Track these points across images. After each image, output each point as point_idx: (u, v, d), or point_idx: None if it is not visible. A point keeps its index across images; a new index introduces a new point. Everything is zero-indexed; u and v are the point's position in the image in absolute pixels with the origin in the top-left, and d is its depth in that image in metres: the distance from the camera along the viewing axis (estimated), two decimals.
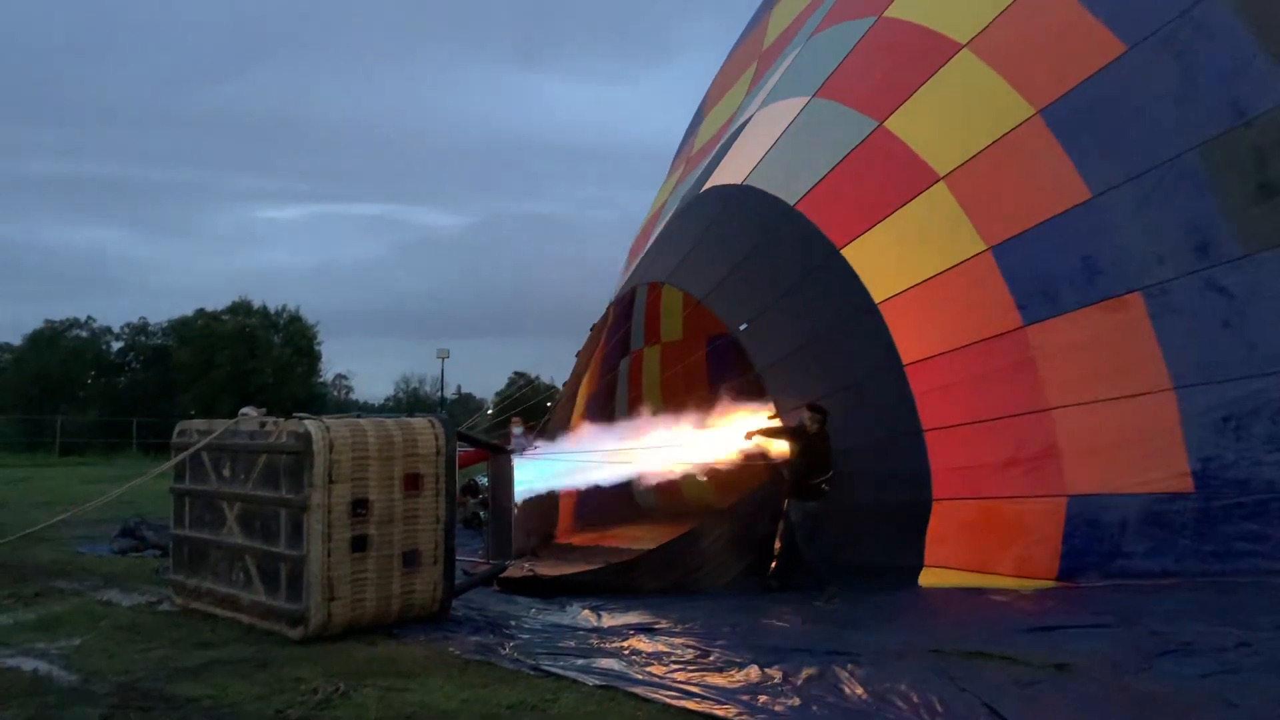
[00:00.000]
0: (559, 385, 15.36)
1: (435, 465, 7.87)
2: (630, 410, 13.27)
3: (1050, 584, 9.14)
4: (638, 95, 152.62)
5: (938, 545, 9.31)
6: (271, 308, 43.20)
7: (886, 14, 11.23)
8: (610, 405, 13.72)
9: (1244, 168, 9.61)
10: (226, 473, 8.02)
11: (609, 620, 8.22)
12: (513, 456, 9.54)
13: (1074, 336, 9.38)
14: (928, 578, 9.27)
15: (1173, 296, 9.38)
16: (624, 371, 14.20)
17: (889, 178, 10.20)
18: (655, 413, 11.86)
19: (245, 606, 7.71)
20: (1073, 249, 9.57)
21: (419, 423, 7.99)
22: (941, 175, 9.98)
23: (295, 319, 43.44)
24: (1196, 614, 7.83)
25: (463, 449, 9.65)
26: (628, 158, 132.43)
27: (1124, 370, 9.29)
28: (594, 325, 12.59)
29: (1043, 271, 9.55)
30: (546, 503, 11.49)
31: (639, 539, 11.36)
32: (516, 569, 9.76)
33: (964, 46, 10.38)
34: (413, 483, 7.74)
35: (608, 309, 12.63)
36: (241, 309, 42.35)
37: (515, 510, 9.51)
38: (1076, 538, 9.20)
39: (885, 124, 10.42)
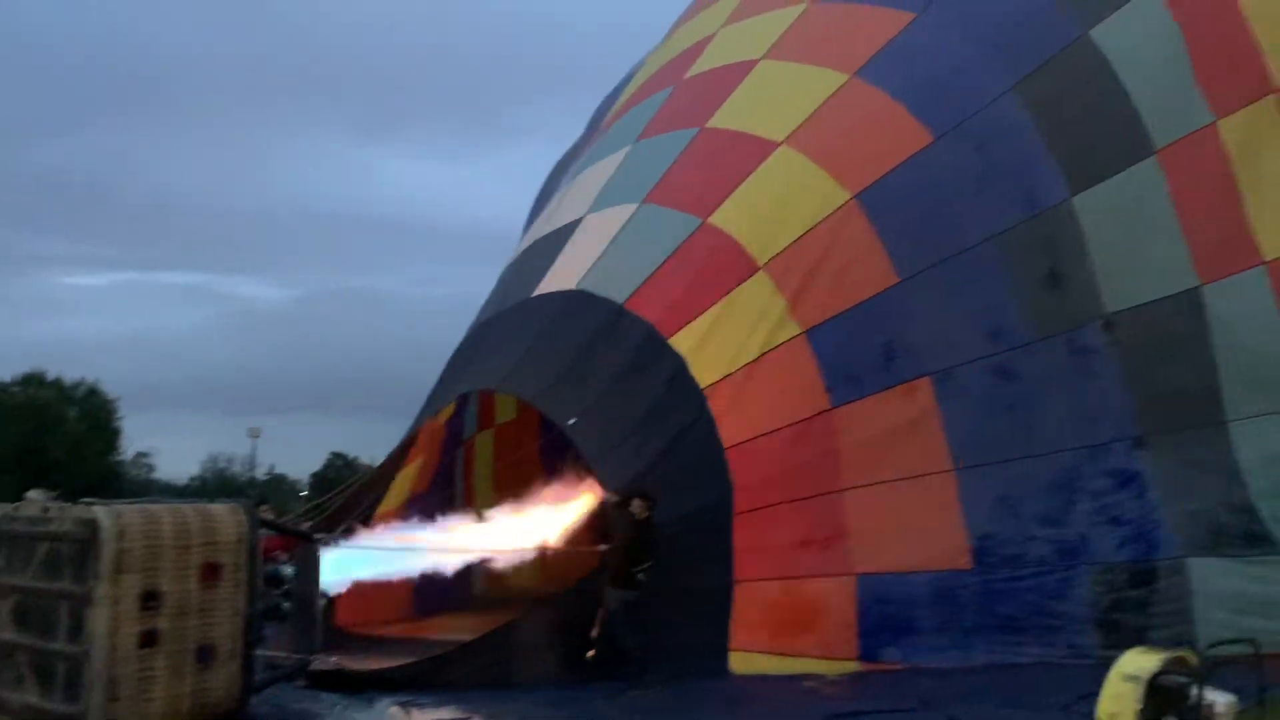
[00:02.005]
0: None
1: (236, 554, 7.47)
2: (465, 499, 13.02)
3: (853, 664, 9.38)
4: (477, 175, 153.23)
5: (742, 628, 9.45)
6: (69, 379, 40.54)
7: (708, 125, 11.69)
8: (448, 494, 13.38)
9: (1035, 257, 10.40)
10: (2, 562, 7.40)
11: (419, 717, 7.94)
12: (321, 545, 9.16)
13: (871, 419, 9.87)
14: (735, 662, 9.35)
15: (960, 381, 10.02)
16: (460, 460, 13.95)
17: (712, 268, 10.53)
18: (487, 500, 11.68)
19: (15, 710, 7.06)
20: (877, 333, 10.12)
21: (220, 509, 7.60)
22: (762, 263, 10.38)
23: (93, 392, 40.92)
24: (991, 696, 8.28)
25: (269, 535, 9.20)
26: (463, 237, 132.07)
27: (910, 452, 9.84)
28: (422, 417, 12.30)
29: (850, 355, 10.05)
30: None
31: (458, 629, 11.03)
32: (322, 663, 9.30)
33: (782, 144, 10.93)
34: (211, 573, 7.32)
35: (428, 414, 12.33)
36: (34, 380, 39.55)
37: (323, 601, 9.11)
38: (870, 617, 9.54)
39: (709, 220, 10.79)
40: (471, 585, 12.65)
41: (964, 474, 9.82)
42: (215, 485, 51.83)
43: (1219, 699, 5.68)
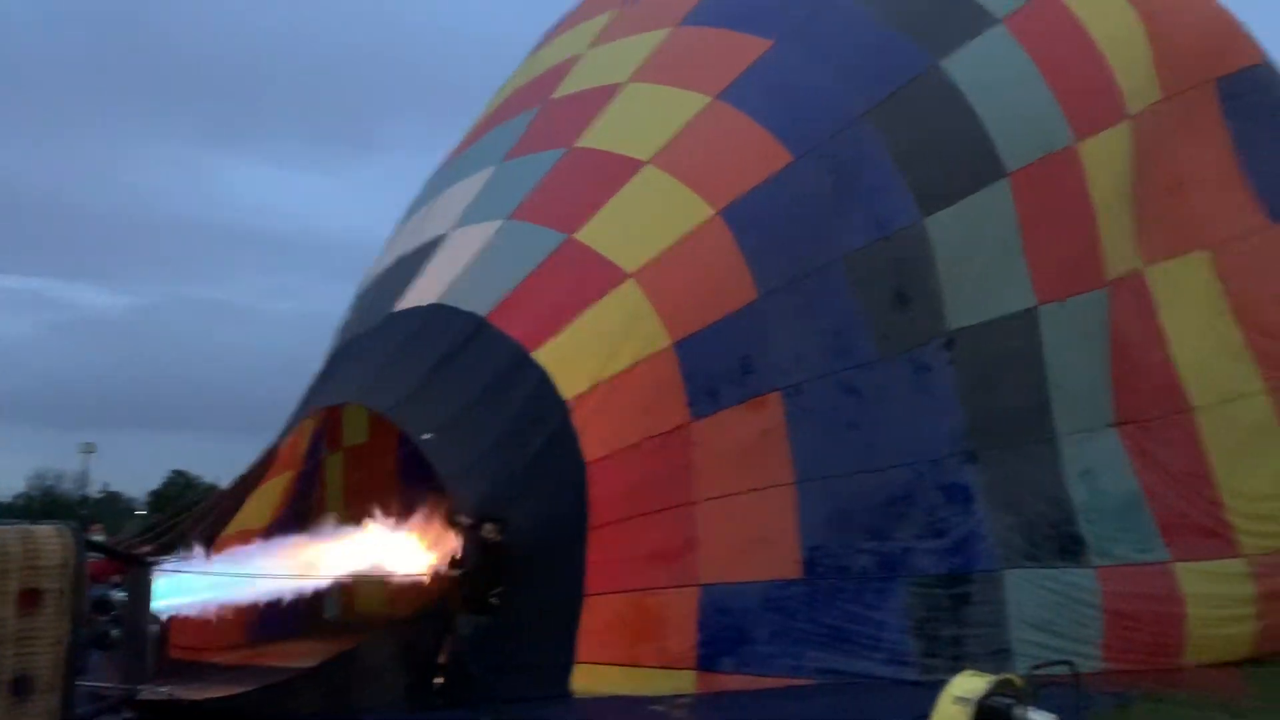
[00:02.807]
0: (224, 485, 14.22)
1: (60, 579, 7.03)
2: (314, 521, 12.58)
3: (691, 673, 9.57)
4: (334, 187, 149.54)
5: (589, 640, 9.46)
6: None
7: (576, 144, 11.72)
8: (300, 517, 12.91)
9: (884, 277, 10.81)
10: None
11: None
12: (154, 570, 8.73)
13: (725, 433, 10.07)
14: (580, 675, 9.36)
15: (808, 396, 10.34)
16: (314, 482, 13.50)
17: (578, 280, 10.54)
18: (336, 521, 11.32)
19: None
20: (737, 347, 10.33)
21: (43, 530, 7.13)
22: (629, 273, 10.44)
23: None
24: (831, 717, 8.52)
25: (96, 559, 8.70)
26: (320, 249, 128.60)
27: (757, 466, 10.11)
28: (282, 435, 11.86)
29: (711, 368, 10.21)
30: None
31: (300, 656, 10.64)
32: (152, 693, 8.84)
33: (647, 163, 11.05)
34: (30, 599, 6.86)
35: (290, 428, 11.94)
36: None
37: (155, 628, 8.66)
38: (710, 626, 9.73)
39: (575, 235, 10.79)
40: (316, 610, 12.25)
41: (804, 487, 10.15)
42: (43, 503, 48.81)
43: (1041, 718, 5.99)
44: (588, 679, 9.36)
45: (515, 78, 14.42)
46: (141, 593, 8.60)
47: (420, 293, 11.32)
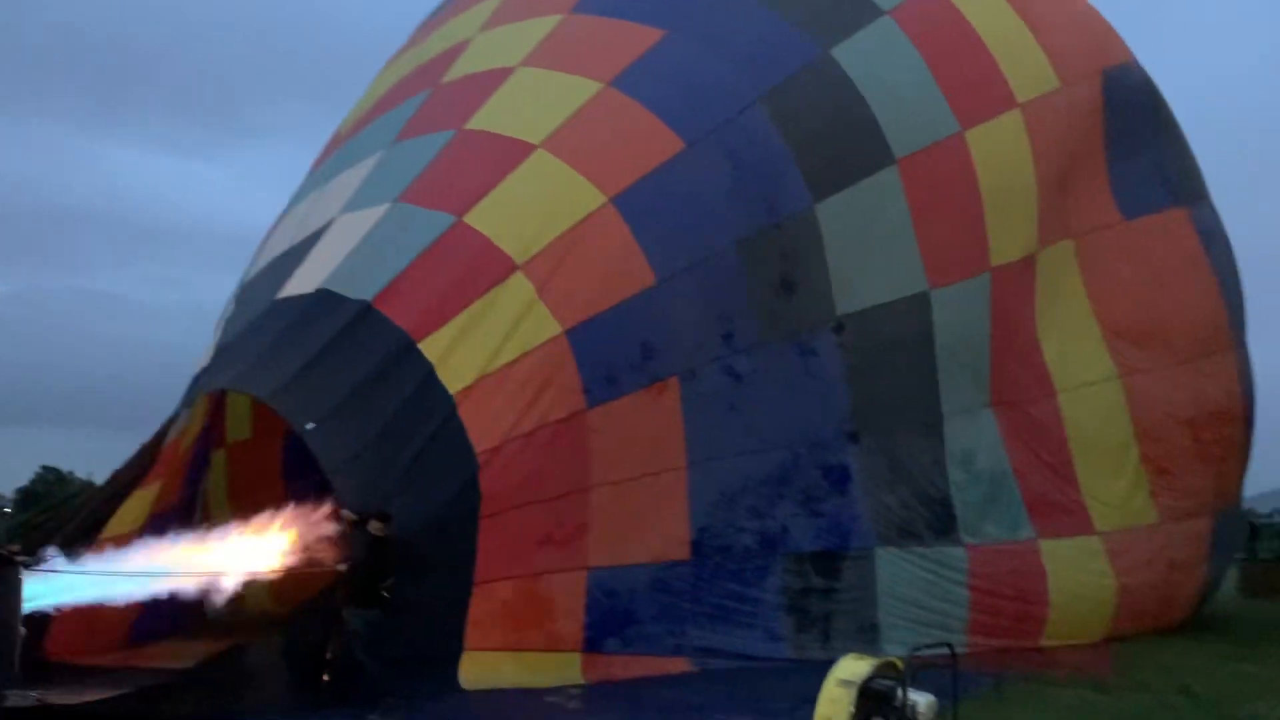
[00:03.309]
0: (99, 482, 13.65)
1: None
2: (197, 518, 12.17)
3: (578, 655, 9.76)
4: (217, 173, 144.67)
5: (477, 628, 9.48)
6: None
7: (466, 126, 11.57)
8: (184, 513, 12.47)
9: (773, 262, 11.03)
10: None
11: None
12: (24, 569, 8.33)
13: (624, 419, 10.17)
14: (469, 663, 9.36)
15: (702, 381, 10.54)
16: (199, 478, 13.07)
17: (467, 269, 10.40)
18: (219, 519, 10.97)
19: None
20: (636, 332, 10.41)
21: None
22: (519, 264, 10.35)
23: None
24: (723, 704, 8.66)
25: None
26: (202, 237, 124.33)
27: (654, 450, 10.30)
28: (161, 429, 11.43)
29: (609, 355, 10.26)
30: None
31: (180, 657, 10.32)
32: (21, 698, 8.45)
33: (538, 147, 10.96)
34: None
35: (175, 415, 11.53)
36: None
37: (25, 630, 8.27)
38: (597, 609, 9.93)
39: (463, 218, 10.64)
40: (198, 609, 11.90)
41: (695, 470, 10.38)
42: None
43: (921, 699, 6.17)
44: (476, 667, 9.37)
45: (399, 63, 14.09)
46: (9, 592, 8.21)
47: (304, 279, 11.03)
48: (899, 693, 6.11)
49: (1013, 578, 11.54)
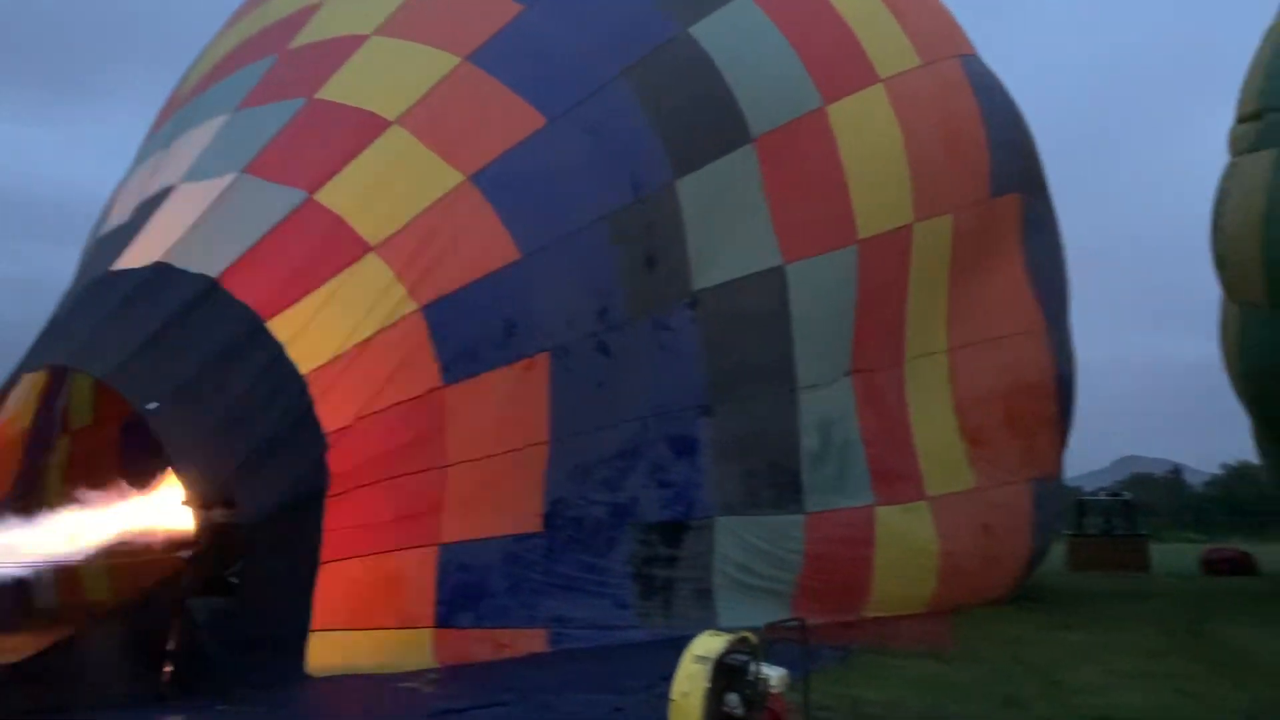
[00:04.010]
0: None
1: None
2: (33, 503, 11.43)
3: (429, 631, 9.71)
4: (55, 137, 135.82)
5: (325, 609, 9.26)
6: None
7: (317, 95, 11.15)
8: (18, 500, 11.68)
9: (637, 239, 11.10)
10: None
11: None
12: None
13: (486, 395, 10.07)
14: (317, 644, 9.14)
15: (571, 357, 10.57)
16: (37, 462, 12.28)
17: (319, 248, 10.05)
18: (56, 502, 10.34)
19: None
20: (498, 309, 10.30)
21: None
22: (374, 244, 10.07)
23: None
24: (582, 683, 8.65)
25: None
26: (34, 205, 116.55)
27: (517, 426, 10.29)
28: None
29: (469, 332, 10.12)
30: None
31: (7, 650, 9.71)
32: None
33: (393, 123, 10.66)
34: None
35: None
36: None
37: None
38: (449, 584, 9.87)
39: (315, 196, 10.26)
40: (29, 600, 11.25)
41: (555, 445, 10.42)
42: None
43: (773, 672, 6.35)
44: (325, 648, 9.16)
45: (242, 22, 13.38)
46: None
47: (142, 250, 10.43)
48: (752, 667, 6.27)
49: (844, 546, 12.05)
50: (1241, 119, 14.38)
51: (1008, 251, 14.41)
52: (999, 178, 14.11)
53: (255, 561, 8.99)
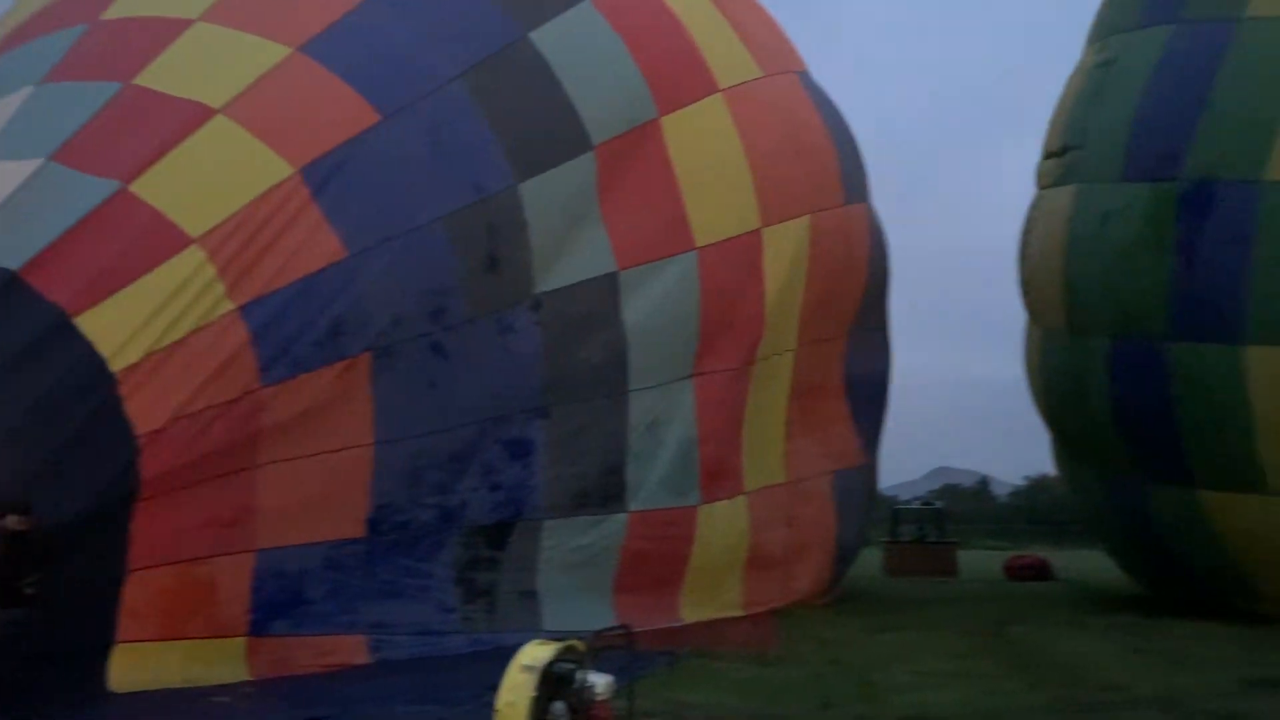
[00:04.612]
0: None
1: None
2: None
3: (242, 640, 9.38)
4: None
5: (132, 619, 8.82)
6: None
7: (135, 81, 10.52)
8: None
9: (479, 240, 10.99)
10: None
11: None
12: None
13: (304, 396, 9.73)
14: (121, 658, 8.69)
15: (399, 358, 10.32)
16: None
17: (133, 242, 9.48)
18: None
19: None
20: (321, 308, 9.94)
21: None
22: (194, 237, 9.57)
23: None
24: (407, 694, 8.47)
25: None
26: None
27: (338, 427, 9.98)
28: None
29: (289, 331, 9.73)
30: None
31: None
32: None
33: (219, 112, 10.18)
34: None
35: None
36: None
37: None
38: (264, 591, 9.57)
39: (130, 186, 9.67)
40: None
41: (382, 448, 10.17)
42: None
43: (599, 680, 6.38)
44: (131, 660, 8.70)
45: None
46: None
47: None
48: (578, 675, 6.28)
49: (664, 544, 12.29)
50: (1048, 155, 15.39)
51: (859, 259, 15.13)
52: (849, 188, 14.78)
53: (54, 571, 8.41)
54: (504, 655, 6.36)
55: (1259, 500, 11.99)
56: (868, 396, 15.87)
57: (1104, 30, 15.01)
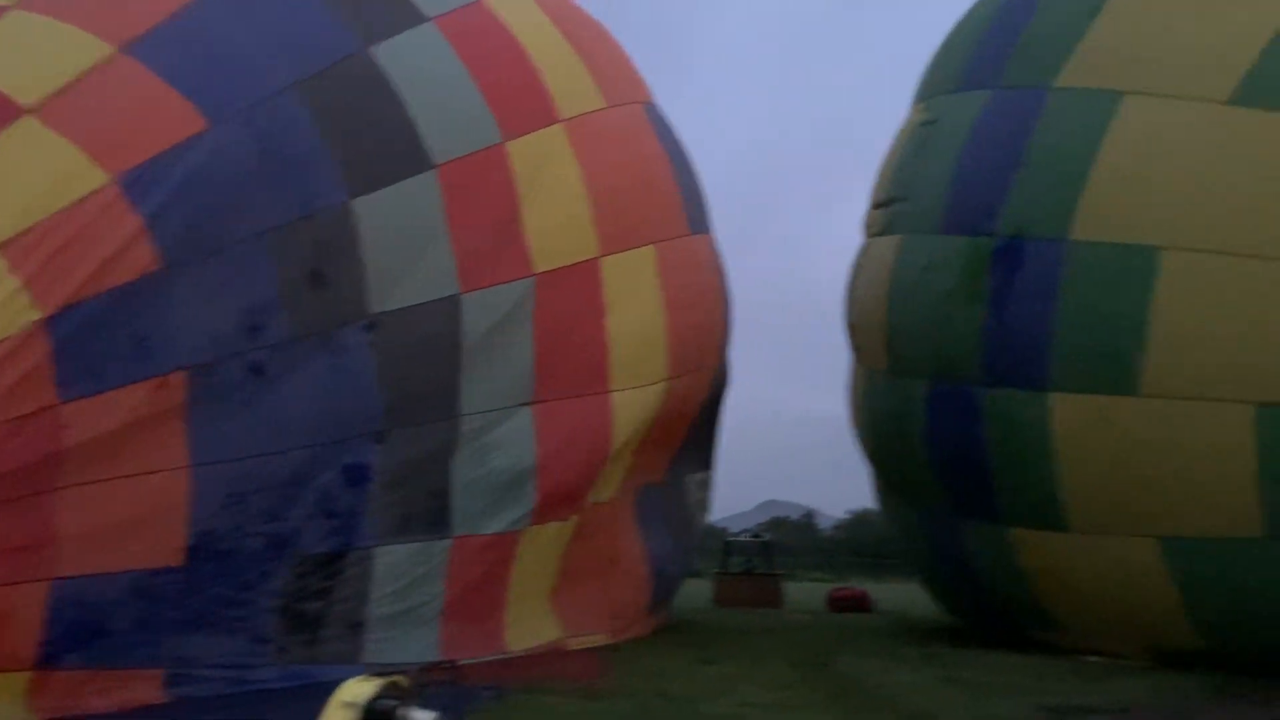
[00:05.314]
0: None
1: None
2: None
3: (27, 674, 8.76)
4: None
5: None
6: None
7: None
8: None
9: (305, 256, 10.55)
10: None
11: None
12: None
13: (109, 414, 9.11)
14: None
15: (218, 377, 9.80)
16: None
17: None
18: None
19: None
20: (131, 322, 9.34)
21: None
22: None
23: None
24: None
25: None
26: None
27: (148, 449, 9.38)
28: None
29: (95, 346, 9.10)
30: None
31: None
32: None
33: (27, 111, 9.51)
34: None
35: None
36: None
37: None
38: (61, 622, 8.92)
39: None
40: None
41: (200, 471, 9.62)
42: None
43: (423, 716, 6.22)
44: None
45: None
46: None
47: None
48: (400, 711, 6.11)
49: (483, 565, 12.04)
50: (875, 205, 16.11)
51: (715, 288, 15.41)
52: (693, 218, 15.07)
53: None
54: (324, 691, 6.13)
55: (1060, 538, 12.70)
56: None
57: (928, 91, 15.86)
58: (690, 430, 15.89)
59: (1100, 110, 12.33)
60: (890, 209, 15.47)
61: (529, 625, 12.74)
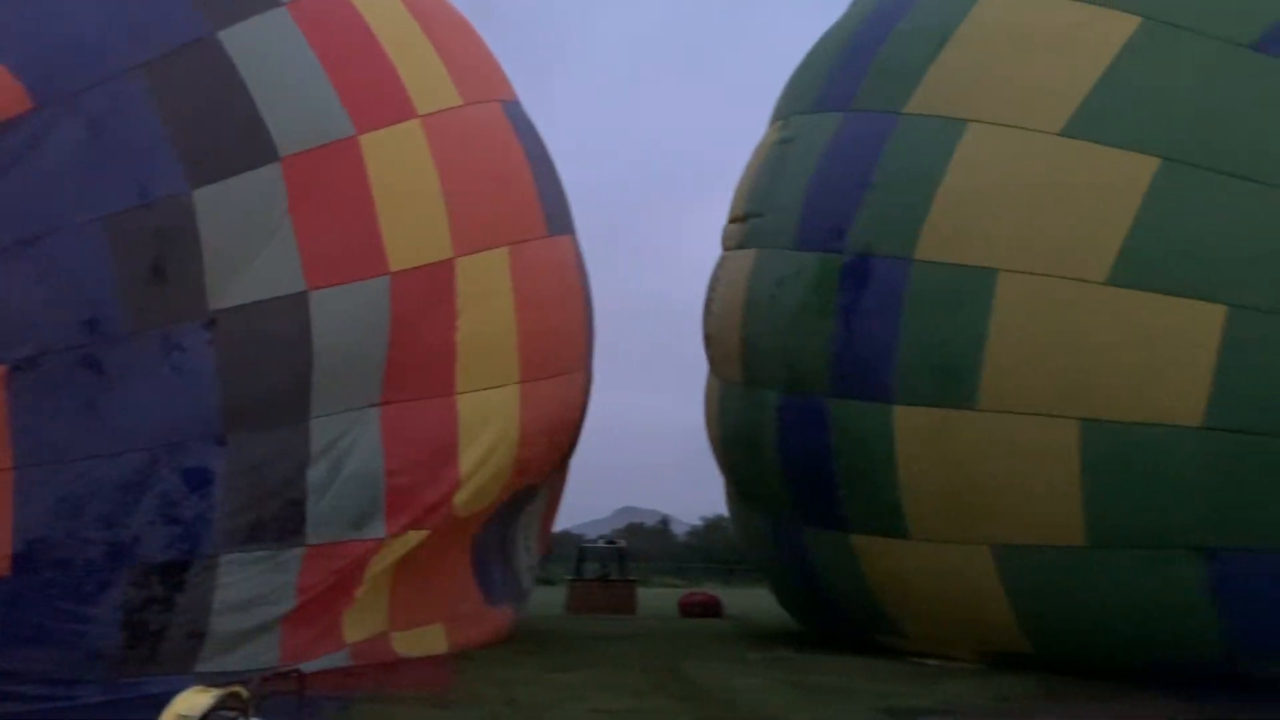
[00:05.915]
0: None
1: None
2: None
3: None
4: None
5: None
6: None
7: None
8: None
9: (143, 247, 10.08)
10: None
11: None
12: None
13: None
14: None
15: (44, 372, 9.27)
16: None
17: None
18: None
19: None
20: None
21: None
22: None
23: None
24: None
25: None
26: None
27: None
28: None
29: None
30: None
31: None
32: None
33: None
34: None
35: None
36: None
37: None
38: None
39: None
40: None
41: (24, 473, 9.11)
42: None
43: None
44: None
45: None
46: None
47: None
48: None
49: (334, 574, 11.66)
50: (732, 220, 16.44)
51: (575, 289, 15.26)
52: (553, 219, 14.89)
53: None
54: (157, 705, 5.88)
55: (901, 545, 13.20)
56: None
57: (785, 110, 16.30)
58: (575, 438, 15.73)
59: (945, 137, 12.91)
60: (747, 224, 15.82)
61: (364, 617, 12.34)
